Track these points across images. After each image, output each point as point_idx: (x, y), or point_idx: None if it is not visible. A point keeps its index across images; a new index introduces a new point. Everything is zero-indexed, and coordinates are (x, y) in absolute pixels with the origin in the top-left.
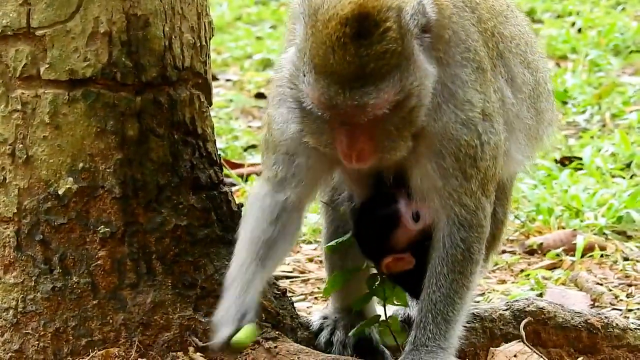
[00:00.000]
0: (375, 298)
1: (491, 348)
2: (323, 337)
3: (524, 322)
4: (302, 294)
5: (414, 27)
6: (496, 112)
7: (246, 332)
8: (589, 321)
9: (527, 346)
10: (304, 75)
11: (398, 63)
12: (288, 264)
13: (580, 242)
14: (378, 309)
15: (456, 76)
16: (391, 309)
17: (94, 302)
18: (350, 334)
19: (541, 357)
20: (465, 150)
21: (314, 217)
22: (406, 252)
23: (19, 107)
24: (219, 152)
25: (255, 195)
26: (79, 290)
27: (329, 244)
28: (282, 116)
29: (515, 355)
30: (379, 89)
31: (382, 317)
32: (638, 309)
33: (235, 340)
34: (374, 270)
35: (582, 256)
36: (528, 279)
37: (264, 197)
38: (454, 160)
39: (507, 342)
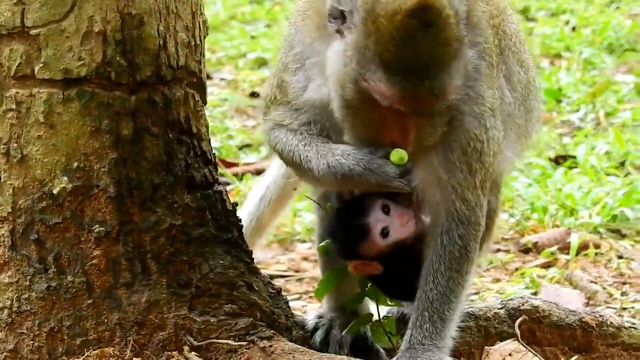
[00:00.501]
0: None
1: (486, 347)
2: (319, 336)
3: (518, 320)
4: (297, 293)
5: (462, 13)
6: (498, 109)
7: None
8: (583, 319)
9: (522, 345)
10: (374, 73)
11: (459, 48)
12: (283, 263)
13: (574, 240)
14: (372, 307)
15: (475, 69)
16: (385, 308)
17: (89, 301)
18: (343, 333)
19: (536, 355)
20: (473, 143)
21: (309, 216)
22: (374, 260)
23: (14, 106)
24: (213, 151)
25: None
26: (74, 290)
27: (320, 245)
28: (300, 82)
29: (510, 354)
30: (451, 75)
31: (376, 316)
32: (632, 307)
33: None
34: None
35: (577, 254)
36: (523, 278)
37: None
38: (461, 153)
39: (502, 341)
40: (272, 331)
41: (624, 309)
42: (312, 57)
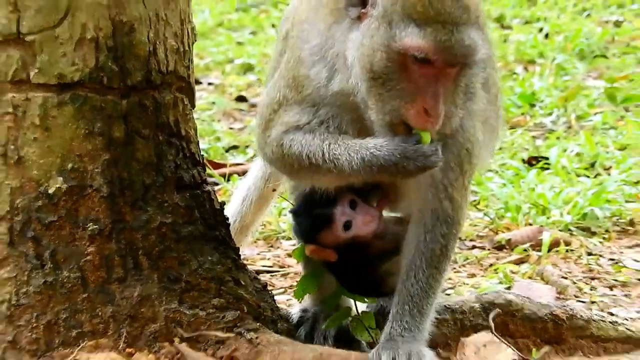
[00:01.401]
0: None
1: (462, 338)
2: (304, 330)
3: (492, 313)
4: (281, 288)
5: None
6: (481, 112)
7: None
8: (554, 313)
9: (496, 336)
10: (406, 30)
11: (483, 24)
12: (268, 259)
13: (546, 237)
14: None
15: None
16: (365, 303)
17: (84, 295)
18: (323, 327)
19: (509, 346)
20: (467, 144)
21: None
22: (330, 248)
23: (10, 109)
24: (201, 153)
25: (281, 137)
26: (70, 285)
27: (295, 249)
28: (322, 74)
29: (484, 345)
30: (478, 35)
31: (354, 311)
32: (601, 301)
33: None
34: None
35: (548, 251)
36: (497, 273)
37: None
38: (457, 154)
39: (476, 333)
40: (258, 324)
41: (593, 302)
42: (333, 47)
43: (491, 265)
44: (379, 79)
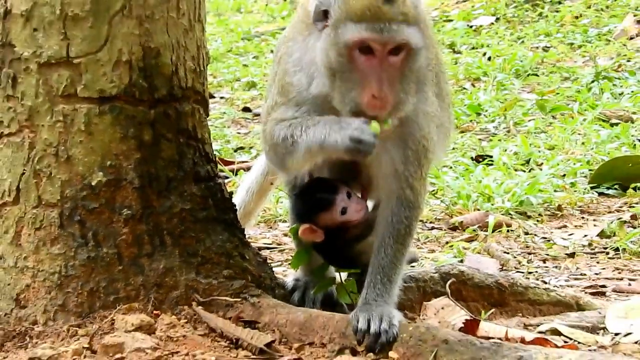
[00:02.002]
0: None
1: (424, 302)
2: (297, 295)
3: (449, 282)
4: (279, 261)
5: (418, 6)
6: (435, 117)
7: None
8: (498, 281)
9: (452, 300)
10: (348, 29)
11: (416, 23)
12: (268, 238)
13: (491, 220)
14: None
15: (426, 73)
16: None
17: (119, 267)
18: (312, 292)
19: (462, 309)
20: (423, 141)
21: (288, 202)
22: (321, 229)
23: (61, 118)
24: (214, 152)
25: (277, 124)
26: (108, 259)
27: (291, 227)
28: (302, 81)
29: (442, 308)
30: (416, 31)
31: (338, 279)
32: (536, 271)
33: None
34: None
35: (493, 231)
36: (451, 249)
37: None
38: (414, 150)
39: (436, 298)
40: (259, 290)
41: (530, 273)
42: (308, 57)
43: (447, 242)
44: (336, 74)
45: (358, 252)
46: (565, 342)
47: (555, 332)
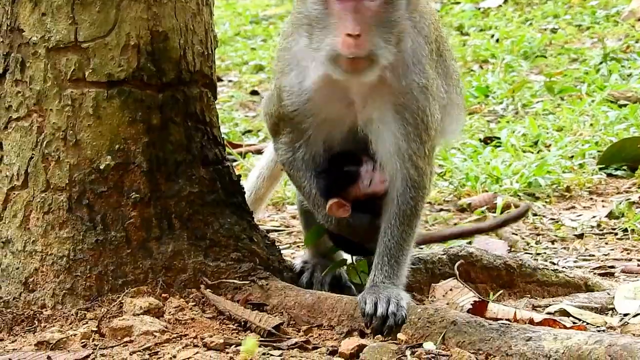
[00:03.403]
0: None
1: (432, 284)
2: (305, 277)
3: (457, 263)
4: (287, 244)
5: None
6: (437, 96)
7: None
8: (507, 263)
9: (460, 282)
10: None
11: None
12: (276, 221)
13: (499, 202)
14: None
15: (422, 47)
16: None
17: (128, 251)
18: (322, 274)
19: (471, 290)
20: (421, 116)
21: None
22: (348, 203)
23: (70, 102)
24: (222, 136)
25: (285, 161)
26: (116, 242)
27: (308, 234)
28: (292, 80)
29: (450, 289)
30: None
31: (349, 260)
32: (544, 252)
33: None
34: None
35: (501, 213)
36: None
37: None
38: (414, 126)
39: (444, 279)
40: (268, 273)
41: (538, 254)
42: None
43: (455, 224)
44: (313, 25)
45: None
46: (574, 322)
47: (564, 313)
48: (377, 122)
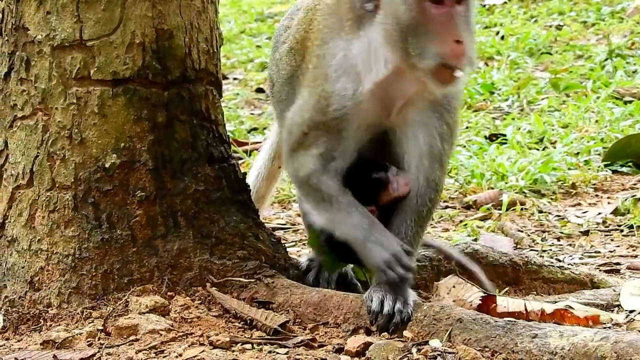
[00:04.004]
0: None
1: (435, 282)
2: (311, 276)
3: (453, 260)
4: (293, 241)
5: None
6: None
7: None
8: (513, 260)
9: (461, 278)
10: None
11: None
12: (282, 218)
13: (505, 199)
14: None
15: None
16: None
17: (134, 249)
18: (327, 272)
19: (474, 285)
20: (454, 116)
21: None
22: (378, 209)
23: (75, 100)
24: (228, 134)
25: (313, 174)
26: (122, 241)
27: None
28: (342, 86)
29: (454, 286)
30: None
31: None
32: (550, 249)
33: None
34: None
35: (507, 210)
36: (465, 228)
37: (323, 173)
38: (448, 127)
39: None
40: (274, 271)
41: (544, 251)
42: (353, 55)
43: (461, 221)
44: (410, 33)
45: None
46: (586, 311)
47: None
48: (412, 124)
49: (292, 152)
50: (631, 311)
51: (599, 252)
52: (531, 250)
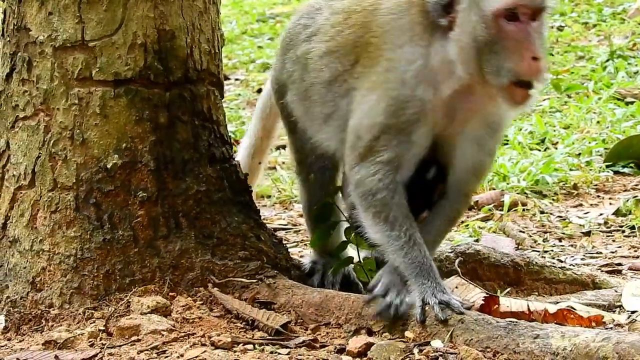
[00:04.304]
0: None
1: None
2: (316, 279)
3: (457, 260)
4: (294, 242)
5: None
6: None
7: None
8: (514, 260)
9: (463, 279)
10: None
11: None
12: (283, 219)
13: (507, 199)
14: (351, 252)
15: None
16: (363, 252)
17: (135, 250)
18: (329, 272)
19: (476, 286)
20: (501, 135)
21: None
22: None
23: (76, 101)
24: (229, 134)
25: (384, 189)
26: (124, 241)
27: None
28: (420, 92)
29: (456, 287)
30: None
31: (356, 258)
32: (552, 250)
33: None
34: (346, 224)
35: (508, 210)
36: (467, 229)
37: (395, 192)
38: (495, 145)
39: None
40: (275, 271)
41: (545, 251)
42: (433, 63)
43: (463, 222)
44: (486, 50)
45: None
46: (588, 311)
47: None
48: (466, 138)
49: (360, 159)
50: (633, 312)
51: (601, 252)
52: (533, 250)
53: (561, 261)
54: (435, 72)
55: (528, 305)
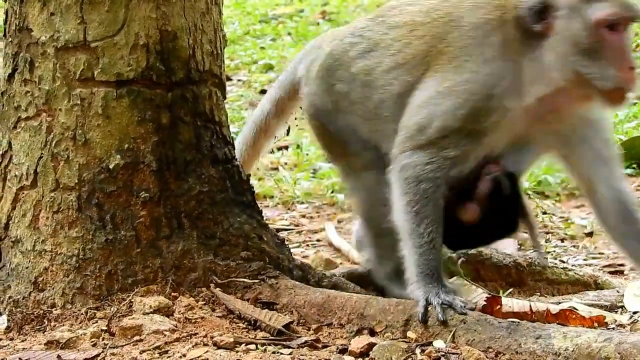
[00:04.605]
0: None
1: None
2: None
3: (459, 261)
4: (297, 242)
5: None
6: None
7: None
8: (517, 261)
9: (465, 280)
10: (589, 9)
11: None
12: (286, 220)
13: None
14: None
15: None
16: None
17: (137, 250)
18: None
19: (478, 287)
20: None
21: (306, 184)
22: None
23: (79, 102)
24: (232, 135)
25: (433, 181)
26: (126, 242)
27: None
28: (507, 95)
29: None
30: None
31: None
32: (554, 251)
33: None
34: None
35: None
36: None
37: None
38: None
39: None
40: (277, 272)
41: (548, 252)
42: (526, 76)
43: None
44: (586, 56)
45: None
46: (590, 312)
47: None
48: (545, 140)
49: (419, 148)
50: (635, 312)
51: (603, 253)
52: (535, 251)
53: (563, 262)
54: (524, 83)
55: (530, 306)
